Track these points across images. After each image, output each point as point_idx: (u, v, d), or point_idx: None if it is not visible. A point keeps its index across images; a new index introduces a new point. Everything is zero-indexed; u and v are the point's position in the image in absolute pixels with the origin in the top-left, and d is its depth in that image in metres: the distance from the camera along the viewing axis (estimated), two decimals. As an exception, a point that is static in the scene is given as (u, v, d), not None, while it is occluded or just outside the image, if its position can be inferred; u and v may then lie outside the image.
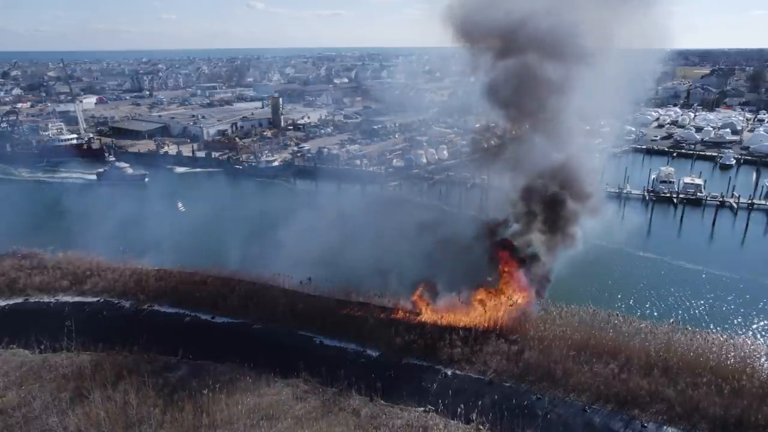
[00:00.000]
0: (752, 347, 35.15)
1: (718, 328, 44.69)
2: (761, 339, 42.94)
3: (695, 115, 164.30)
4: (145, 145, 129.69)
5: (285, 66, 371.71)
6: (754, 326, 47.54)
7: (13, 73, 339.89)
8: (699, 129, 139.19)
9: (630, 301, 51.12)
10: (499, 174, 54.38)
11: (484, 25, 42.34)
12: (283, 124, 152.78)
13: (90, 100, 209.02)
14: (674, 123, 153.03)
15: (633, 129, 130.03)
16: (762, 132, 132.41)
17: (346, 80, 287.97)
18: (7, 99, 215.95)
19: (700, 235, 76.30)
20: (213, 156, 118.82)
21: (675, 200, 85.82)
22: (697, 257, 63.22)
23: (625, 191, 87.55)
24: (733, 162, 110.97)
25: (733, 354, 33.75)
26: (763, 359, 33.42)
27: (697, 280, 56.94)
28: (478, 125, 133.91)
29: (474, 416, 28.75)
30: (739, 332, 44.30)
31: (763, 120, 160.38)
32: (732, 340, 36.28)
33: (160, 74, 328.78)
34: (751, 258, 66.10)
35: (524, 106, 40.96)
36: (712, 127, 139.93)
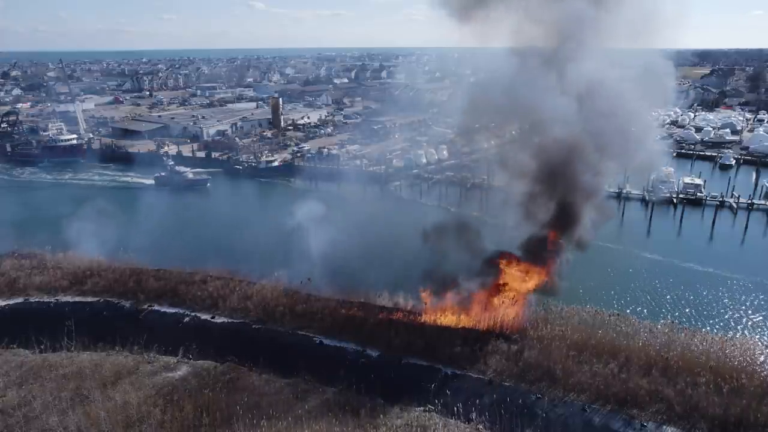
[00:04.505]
0: (752, 347, 35.17)
1: (718, 328, 44.79)
2: (761, 338, 42.93)
3: (695, 115, 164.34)
4: (145, 146, 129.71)
5: (285, 66, 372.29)
6: (754, 326, 47.61)
7: (13, 73, 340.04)
8: (699, 129, 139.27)
9: (629, 301, 51.17)
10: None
11: None
12: (282, 124, 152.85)
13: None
14: (674, 123, 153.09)
15: (633, 129, 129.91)
16: (761, 132, 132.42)
17: (346, 80, 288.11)
18: (7, 99, 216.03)
19: (699, 235, 76.36)
20: (213, 156, 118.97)
21: (675, 200, 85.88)
22: (696, 257, 63.29)
23: (624, 191, 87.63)
24: (733, 162, 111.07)
25: (732, 353, 33.74)
26: (762, 359, 33.43)
27: (697, 280, 56.98)
28: (477, 125, 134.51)
29: (473, 416, 28.81)
30: (739, 332, 44.39)
31: (763, 120, 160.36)
32: (731, 340, 36.33)
33: (160, 74, 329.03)
34: (751, 258, 66.17)
35: None
36: (711, 127, 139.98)
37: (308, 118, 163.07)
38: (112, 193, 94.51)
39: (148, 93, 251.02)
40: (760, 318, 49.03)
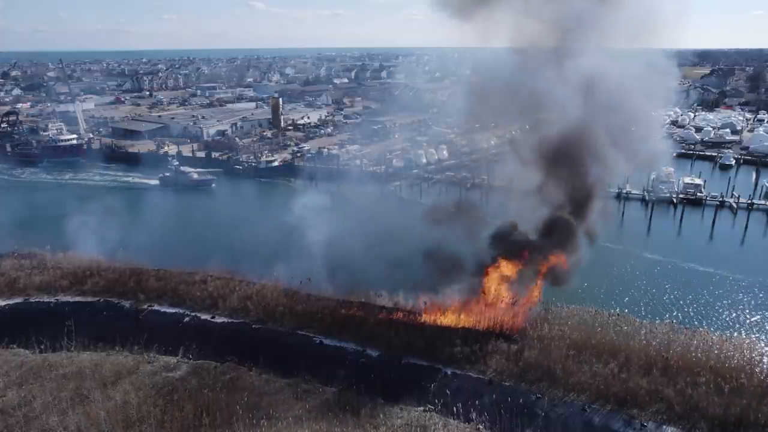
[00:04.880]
0: (752, 346, 35.17)
1: (718, 328, 44.72)
2: (761, 338, 42.91)
3: (695, 115, 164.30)
4: (144, 146, 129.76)
5: (285, 66, 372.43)
6: (754, 326, 47.59)
7: (13, 73, 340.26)
8: (699, 129, 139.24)
9: (629, 301, 51.15)
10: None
11: None
12: (282, 124, 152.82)
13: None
14: (674, 123, 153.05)
15: (633, 129, 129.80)
16: (761, 132, 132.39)
17: (346, 80, 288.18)
18: (7, 99, 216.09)
19: (699, 235, 76.35)
20: (213, 156, 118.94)
21: (675, 200, 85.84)
22: (697, 257, 63.27)
23: (624, 191, 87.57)
24: (733, 162, 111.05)
25: (732, 353, 33.74)
26: (762, 358, 33.44)
27: (697, 280, 56.98)
28: (477, 125, 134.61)
29: (473, 415, 28.80)
30: (739, 332, 44.36)
31: (763, 120, 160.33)
32: (731, 340, 36.28)
33: (160, 74, 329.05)
34: (751, 258, 66.17)
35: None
36: (711, 127, 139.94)
37: (308, 118, 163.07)
38: (117, 194, 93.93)
39: (148, 93, 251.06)
40: (760, 318, 49.03)
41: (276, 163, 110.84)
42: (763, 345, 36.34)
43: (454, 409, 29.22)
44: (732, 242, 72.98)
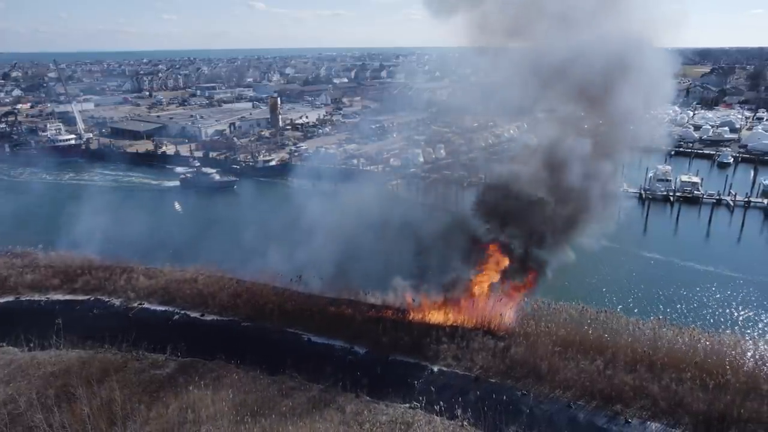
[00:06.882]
0: (738, 343, 35.08)
1: (705, 325, 44.54)
2: (748, 335, 42.72)
3: (694, 114, 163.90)
4: (143, 146, 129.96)
5: (285, 66, 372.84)
6: (739, 322, 47.46)
7: (14, 74, 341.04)
8: (697, 127, 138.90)
9: (619, 298, 51.02)
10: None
11: None
12: (281, 123, 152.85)
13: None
14: (672, 121, 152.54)
15: (631, 127, 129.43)
16: (760, 130, 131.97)
17: (345, 80, 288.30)
18: (7, 100, 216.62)
19: (696, 233, 76.23)
20: (211, 156, 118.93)
21: (672, 198, 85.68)
22: (693, 255, 63.13)
23: (621, 189, 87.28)
24: (731, 160, 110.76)
25: (719, 350, 33.68)
26: (747, 355, 33.38)
27: (692, 278, 56.82)
28: (476, 124, 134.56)
29: (458, 412, 28.80)
30: (725, 329, 44.18)
31: (762, 118, 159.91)
32: (719, 336, 36.23)
33: (160, 75, 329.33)
34: (747, 256, 66.00)
35: None
36: (710, 125, 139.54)
37: (306, 117, 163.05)
38: (138, 196, 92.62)
39: (147, 93, 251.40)
40: (749, 314, 48.92)
41: (273, 163, 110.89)
42: (748, 341, 36.16)
43: (443, 406, 29.21)
44: (728, 240, 72.80)
